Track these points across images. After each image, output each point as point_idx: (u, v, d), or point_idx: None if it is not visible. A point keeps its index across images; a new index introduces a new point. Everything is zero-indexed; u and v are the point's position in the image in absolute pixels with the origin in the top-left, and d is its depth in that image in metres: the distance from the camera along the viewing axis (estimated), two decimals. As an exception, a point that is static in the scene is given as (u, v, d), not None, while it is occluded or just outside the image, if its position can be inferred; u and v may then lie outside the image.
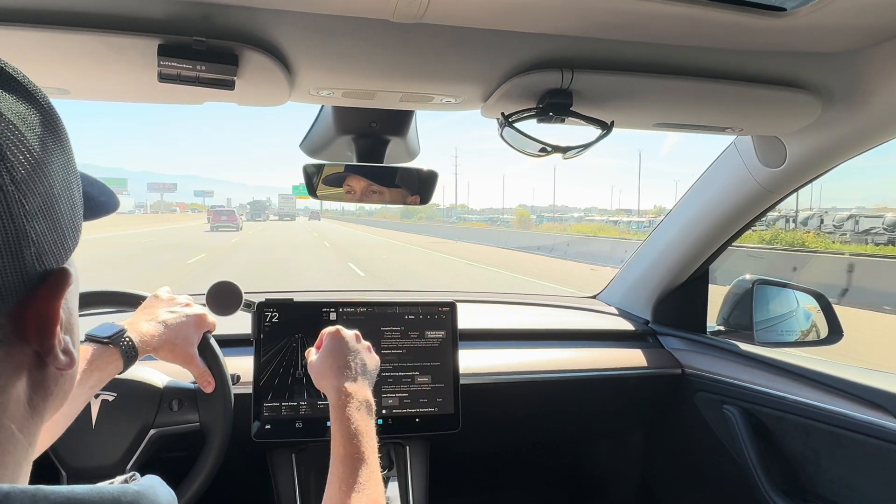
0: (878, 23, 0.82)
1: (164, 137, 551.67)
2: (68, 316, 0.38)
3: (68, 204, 0.37)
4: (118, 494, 0.33)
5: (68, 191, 0.37)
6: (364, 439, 0.78)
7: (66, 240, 0.36)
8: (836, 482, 1.15)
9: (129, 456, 1.02)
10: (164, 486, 0.38)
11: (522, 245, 24.74)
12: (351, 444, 0.77)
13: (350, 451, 0.76)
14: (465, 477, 1.78)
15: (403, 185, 1.13)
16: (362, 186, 1.13)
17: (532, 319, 1.72)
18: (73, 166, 0.38)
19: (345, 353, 0.88)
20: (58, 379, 0.38)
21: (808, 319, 1.46)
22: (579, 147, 0.97)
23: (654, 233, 1.65)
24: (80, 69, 0.85)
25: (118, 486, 0.34)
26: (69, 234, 0.37)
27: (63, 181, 0.36)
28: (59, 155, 0.36)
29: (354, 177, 1.13)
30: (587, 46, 0.87)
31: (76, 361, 0.38)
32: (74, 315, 0.40)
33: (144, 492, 0.35)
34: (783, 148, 1.19)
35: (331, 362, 0.87)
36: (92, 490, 0.32)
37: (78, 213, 0.39)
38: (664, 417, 1.60)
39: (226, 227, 36.98)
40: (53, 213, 0.35)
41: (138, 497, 0.34)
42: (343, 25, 0.79)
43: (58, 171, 0.36)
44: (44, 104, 0.36)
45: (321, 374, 0.87)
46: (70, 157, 0.38)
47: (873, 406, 1.07)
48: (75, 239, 0.38)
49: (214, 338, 1.09)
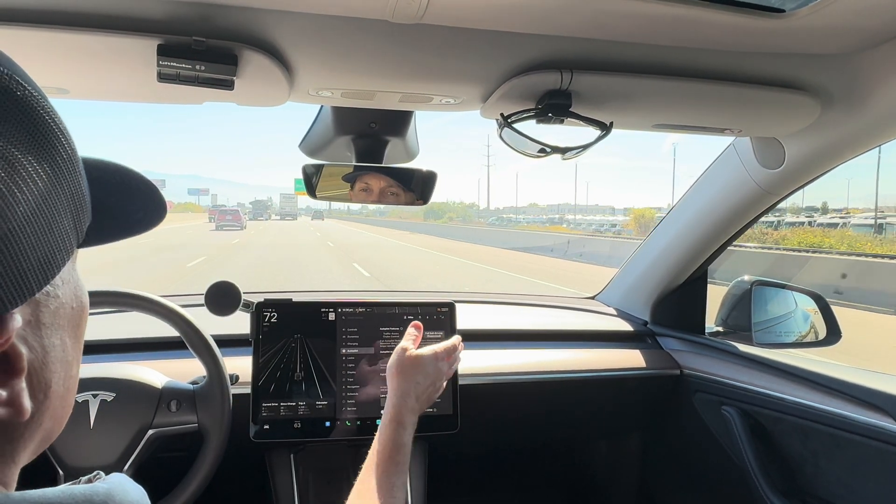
0: (877, 25, 0.83)
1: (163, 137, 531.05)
2: (41, 355, 0.34)
3: (39, 237, 0.31)
4: (89, 494, 0.33)
5: (45, 218, 0.31)
6: (405, 458, 0.84)
7: (25, 279, 0.31)
8: (835, 483, 1.15)
9: (126, 456, 1.02)
10: (133, 483, 0.37)
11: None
12: (391, 460, 0.82)
13: (388, 467, 0.81)
14: (464, 477, 1.79)
15: (404, 185, 1.14)
16: (362, 187, 1.13)
17: (531, 320, 1.72)
18: (65, 182, 0.33)
19: (433, 380, 0.94)
20: (28, 425, 0.34)
21: (807, 320, 1.47)
22: (578, 148, 0.97)
23: (653, 234, 1.65)
24: (80, 69, 0.85)
25: (87, 486, 0.34)
26: (32, 275, 0.31)
27: (37, 207, 0.31)
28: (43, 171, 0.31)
29: (354, 177, 1.13)
30: (586, 47, 0.87)
31: (25, 413, 0.32)
32: (57, 349, 0.35)
33: (114, 489, 0.34)
34: (782, 149, 1.19)
35: (421, 380, 0.92)
36: (63, 492, 0.32)
37: (60, 243, 0.33)
38: (662, 418, 1.60)
39: (230, 225, 38.22)
40: (8, 249, 0.29)
41: (109, 495, 0.34)
42: (342, 26, 0.79)
43: (26, 196, 0.30)
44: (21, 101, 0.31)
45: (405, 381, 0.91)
46: (61, 170, 0.33)
47: (872, 407, 1.07)
48: (51, 273, 0.33)
49: (214, 338, 1.09)
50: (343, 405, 1.18)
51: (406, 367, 0.92)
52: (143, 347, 1.26)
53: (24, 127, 0.31)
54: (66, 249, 0.34)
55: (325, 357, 1.19)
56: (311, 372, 1.18)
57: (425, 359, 0.94)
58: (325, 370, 1.18)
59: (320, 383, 1.18)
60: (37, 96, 0.33)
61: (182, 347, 1.10)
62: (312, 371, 1.18)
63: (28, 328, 0.33)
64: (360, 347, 1.21)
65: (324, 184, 1.11)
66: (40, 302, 0.33)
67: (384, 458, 0.82)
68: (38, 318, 0.34)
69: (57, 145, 0.33)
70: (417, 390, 0.90)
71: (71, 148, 0.35)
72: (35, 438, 0.35)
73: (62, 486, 0.33)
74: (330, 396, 1.18)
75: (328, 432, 1.17)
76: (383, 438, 0.84)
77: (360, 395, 1.19)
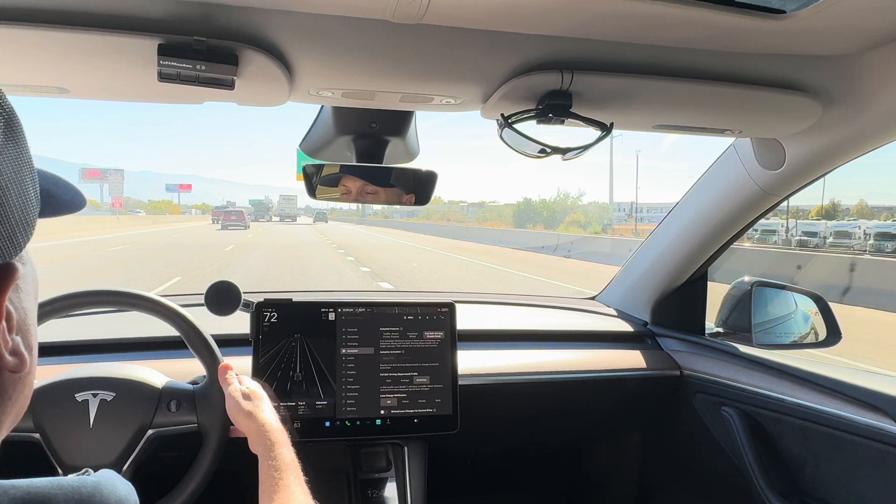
0: (878, 26, 0.83)
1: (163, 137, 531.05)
2: (22, 316, 0.37)
3: (19, 199, 0.36)
4: (77, 485, 0.34)
5: (20, 185, 0.36)
6: (294, 469, 0.89)
7: (14, 235, 0.35)
8: (835, 485, 1.15)
9: (126, 456, 1.01)
10: (122, 479, 0.38)
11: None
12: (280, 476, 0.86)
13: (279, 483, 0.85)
14: (464, 478, 1.78)
15: (403, 185, 1.13)
16: (362, 187, 1.13)
17: (531, 320, 1.72)
18: (26, 161, 0.38)
19: (248, 403, 0.99)
20: (15, 383, 0.36)
21: (807, 321, 1.47)
22: (579, 148, 0.97)
23: (653, 234, 1.65)
24: (80, 68, 0.85)
25: (77, 478, 0.35)
26: (19, 230, 0.36)
27: (13, 175, 0.36)
28: (10, 149, 0.36)
29: (354, 177, 1.13)
30: (587, 48, 0.87)
31: (27, 363, 0.36)
32: (30, 315, 0.39)
33: (102, 482, 0.35)
34: (782, 150, 1.19)
35: (242, 413, 0.97)
36: (51, 483, 0.33)
37: (31, 209, 0.38)
38: (662, 419, 1.60)
39: (235, 225, 40.20)
40: (1, 206, 0.34)
41: (97, 487, 0.34)
42: (343, 26, 0.79)
43: (6, 164, 0.35)
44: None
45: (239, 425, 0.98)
46: (23, 151, 0.37)
47: (872, 409, 1.07)
48: (26, 235, 0.37)
49: (214, 337, 1.09)
50: (343, 405, 1.18)
51: (248, 403, 0.98)
52: (143, 347, 1.26)
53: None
54: (34, 215, 0.38)
55: (325, 357, 1.19)
56: (311, 372, 1.18)
57: (251, 386, 1.02)
58: (325, 370, 1.18)
59: (320, 383, 1.18)
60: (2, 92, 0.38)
61: (182, 347, 1.09)
62: (312, 371, 1.18)
63: (12, 291, 0.36)
64: (360, 347, 1.21)
65: (324, 184, 1.11)
66: (17, 267, 0.37)
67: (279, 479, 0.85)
68: (17, 282, 0.37)
69: (18, 132, 0.38)
70: (265, 406, 0.98)
71: (25, 137, 0.39)
72: (17, 403, 0.37)
73: (51, 477, 0.34)
74: (330, 396, 1.18)
75: (328, 432, 1.17)
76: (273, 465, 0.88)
77: (360, 395, 1.19)
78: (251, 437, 0.93)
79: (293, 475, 0.85)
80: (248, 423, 0.95)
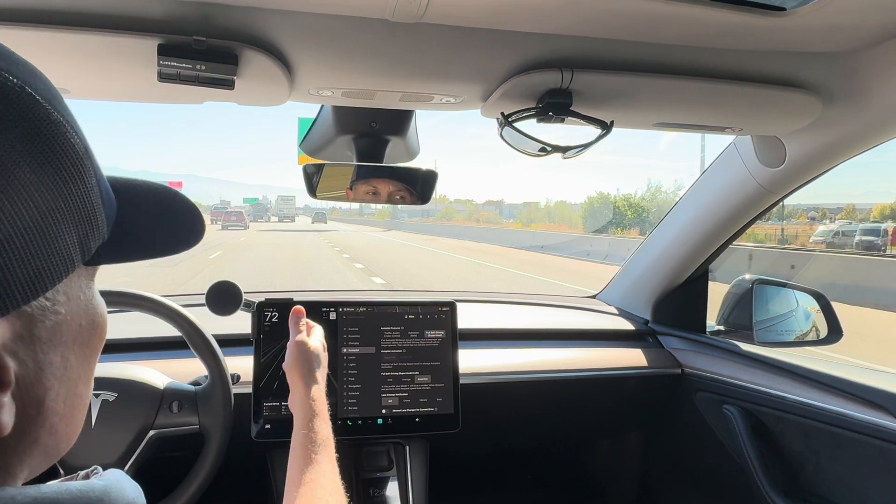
0: (879, 22, 0.82)
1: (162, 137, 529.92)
2: (32, 370, 0.32)
3: (33, 248, 0.30)
4: (85, 490, 0.32)
5: (40, 232, 0.30)
6: (329, 446, 0.82)
7: (8, 290, 0.30)
8: (836, 482, 1.15)
9: (127, 456, 1.02)
10: (130, 481, 0.37)
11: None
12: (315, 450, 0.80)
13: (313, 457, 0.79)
14: (465, 476, 1.78)
15: (403, 184, 1.14)
16: (362, 186, 1.13)
17: (532, 319, 1.72)
18: (64, 197, 0.32)
19: (311, 361, 0.91)
20: (19, 439, 0.33)
21: (808, 319, 1.46)
22: (579, 147, 0.97)
23: (654, 232, 1.65)
24: (80, 69, 0.85)
25: (84, 483, 0.33)
26: (16, 285, 0.30)
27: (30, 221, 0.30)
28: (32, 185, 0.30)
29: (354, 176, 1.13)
30: (587, 46, 0.87)
31: (5, 428, 0.31)
32: (46, 370, 0.33)
33: (111, 486, 0.34)
34: (783, 148, 1.19)
35: (299, 368, 0.90)
36: (59, 489, 0.31)
37: (59, 258, 0.32)
38: (664, 417, 1.60)
39: (235, 226, 41.14)
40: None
41: (105, 492, 0.33)
42: (343, 25, 0.79)
43: (17, 207, 0.29)
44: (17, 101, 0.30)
45: (291, 379, 0.91)
46: (60, 186, 0.32)
47: (873, 406, 1.07)
48: (36, 286, 0.31)
49: (215, 337, 1.09)
50: (344, 404, 1.18)
51: (310, 360, 0.91)
52: (145, 347, 1.26)
53: (25, 135, 0.30)
54: (65, 265, 0.33)
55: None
56: None
57: (319, 346, 0.95)
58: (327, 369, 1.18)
59: None
60: (43, 104, 0.32)
61: (183, 347, 1.10)
62: None
63: (20, 342, 0.31)
64: (362, 347, 1.21)
65: (324, 184, 1.11)
66: (34, 316, 0.32)
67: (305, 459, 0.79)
68: (32, 332, 0.32)
69: (63, 157, 0.32)
70: (320, 375, 0.91)
71: (80, 160, 0.34)
72: (33, 454, 0.34)
73: (58, 481, 0.33)
74: (331, 396, 1.17)
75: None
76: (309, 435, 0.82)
77: (361, 394, 1.19)
78: (296, 395, 0.87)
79: (326, 453, 0.80)
80: (299, 381, 0.88)
